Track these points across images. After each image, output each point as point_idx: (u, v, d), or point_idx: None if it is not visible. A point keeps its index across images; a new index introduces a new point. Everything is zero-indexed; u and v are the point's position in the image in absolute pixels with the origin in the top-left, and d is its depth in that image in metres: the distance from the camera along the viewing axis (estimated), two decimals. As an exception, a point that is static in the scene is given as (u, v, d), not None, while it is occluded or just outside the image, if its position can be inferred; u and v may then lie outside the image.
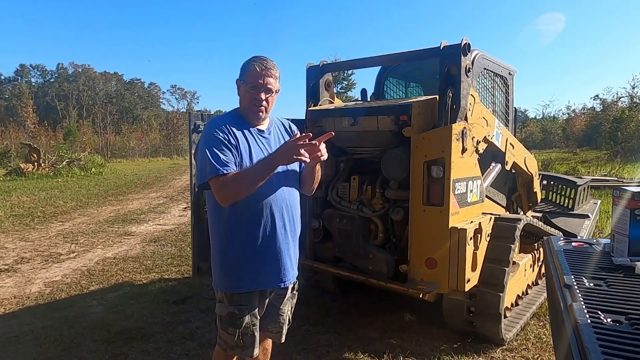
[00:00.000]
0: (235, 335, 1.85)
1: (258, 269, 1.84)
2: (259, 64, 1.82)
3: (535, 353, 2.92)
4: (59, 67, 63.82)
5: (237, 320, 1.84)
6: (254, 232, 1.82)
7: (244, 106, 1.89)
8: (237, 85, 1.90)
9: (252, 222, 1.81)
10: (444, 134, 2.70)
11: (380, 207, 3.10)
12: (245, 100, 1.87)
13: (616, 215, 1.36)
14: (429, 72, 4.11)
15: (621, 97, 31.96)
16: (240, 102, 1.92)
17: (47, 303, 3.99)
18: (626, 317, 0.94)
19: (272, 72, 1.84)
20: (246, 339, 1.87)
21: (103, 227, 7.46)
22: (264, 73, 1.82)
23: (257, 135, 1.89)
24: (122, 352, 2.99)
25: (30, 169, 16.97)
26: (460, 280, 2.68)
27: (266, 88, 1.83)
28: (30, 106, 39.90)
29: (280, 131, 2.02)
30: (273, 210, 1.84)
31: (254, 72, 1.82)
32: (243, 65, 1.87)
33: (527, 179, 4.09)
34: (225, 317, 1.86)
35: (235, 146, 1.78)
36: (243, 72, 1.86)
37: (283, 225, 1.88)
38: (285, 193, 1.90)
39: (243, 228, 1.81)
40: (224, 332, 1.88)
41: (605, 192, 9.43)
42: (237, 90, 1.91)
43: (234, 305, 1.84)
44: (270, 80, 1.84)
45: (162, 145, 39.90)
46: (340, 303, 3.76)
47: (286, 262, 1.91)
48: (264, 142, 1.90)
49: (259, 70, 1.82)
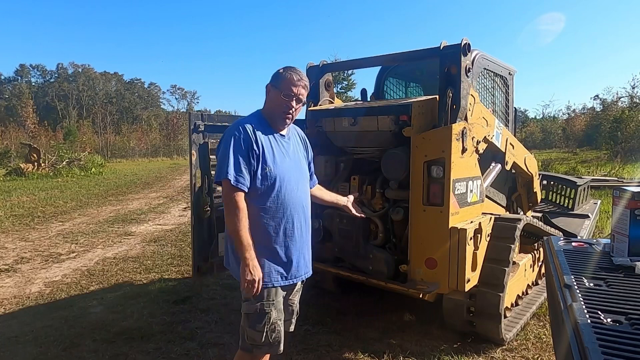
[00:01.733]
0: (264, 333, 1.91)
1: (282, 264, 1.96)
2: (295, 74, 1.94)
3: (535, 353, 2.92)
4: (58, 67, 63.85)
5: (264, 316, 1.91)
6: (278, 230, 1.93)
7: (272, 111, 1.99)
8: (267, 90, 2.01)
9: (276, 220, 1.93)
10: (444, 134, 2.70)
11: (380, 207, 3.10)
12: (276, 106, 1.97)
13: (616, 215, 1.36)
14: (429, 72, 4.11)
15: (621, 97, 31.98)
16: (268, 106, 2.02)
17: (47, 303, 3.99)
18: (626, 317, 0.94)
19: (305, 83, 1.98)
20: (274, 336, 1.93)
21: (103, 227, 7.46)
22: (299, 84, 1.95)
23: (279, 140, 2.01)
24: (122, 352, 2.99)
25: (30, 169, 16.97)
26: (460, 280, 2.68)
27: (298, 98, 1.96)
28: (30, 106, 39.87)
29: (297, 138, 2.16)
30: (294, 208, 1.98)
31: (290, 81, 1.93)
32: (277, 72, 1.98)
33: (527, 179, 4.09)
34: (252, 315, 1.92)
35: (259, 152, 1.89)
36: (277, 79, 1.96)
37: (302, 223, 2.02)
38: (302, 193, 2.06)
39: (266, 226, 1.92)
40: (252, 330, 1.92)
41: (605, 192, 9.42)
42: (266, 94, 2.02)
43: (261, 300, 1.91)
44: (302, 91, 1.97)
45: (162, 145, 39.90)
46: (340, 303, 3.76)
47: (305, 257, 2.07)
48: (285, 145, 2.02)
49: (295, 80, 1.94)
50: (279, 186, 1.92)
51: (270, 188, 1.91)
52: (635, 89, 29.21)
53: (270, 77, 2.02)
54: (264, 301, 1.91)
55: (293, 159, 2.04)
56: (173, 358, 2.91)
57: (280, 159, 1.95)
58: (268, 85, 2.01)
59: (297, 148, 2.11)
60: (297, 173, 2.04)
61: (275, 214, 1.93)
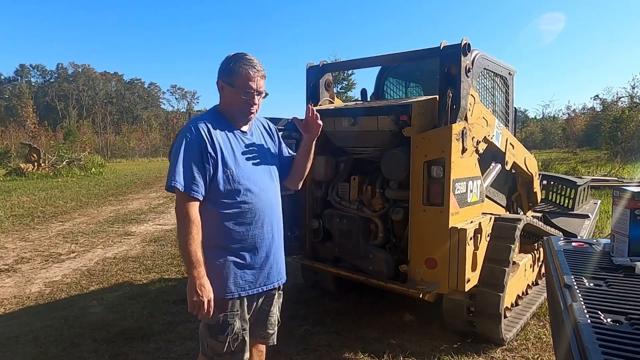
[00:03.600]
0: (226, 343, 1.79)
1: (251, 272, 1.82)
2: (250, 68, 1.75)
3: (535, 353, 2.92)
4: (58, 67, 63.87)
5: (227, 327, 1.79)
6: (246, 235, 1.79)
7: (232, 109, 1.82)
8: (220, 87, 1.82)
9: (243, 225, 1.78)
10: (444, 134, 2.70)
11: (380, 207, 3.09)
12: (235, 104, 1.80)
13: (616, 215, 1.36)
14: (429, 72, 4.11)
15: (621, 97, 31.98)
16: (225, 104, 1.84)
17: (47, 303, 3.98)
18: (626, 317, 0.94)
19: (262, 73, 1.80)
20: (237, 345, 1.82)
21: (103, 227, 7.46)
22: (257, 76, 1.77)
23: (240, 138, 1.84)
24: (122, 352, 2.99)
25: (30, 169, 16.98)
26: (460, 280, 2.68)
27: (259, 91, 1.79)
28: (30, 106, 39.89)
29: (261, 131, 1.98)
30: (263, 211, 1.82)
31: (246, 76, 1.75)
32: (228, 66, 1.78)
33: (527, 179, 4.08)
34: (214, 325, 1.80)
35: (216, 154, 1.72)
36: (231, 75, 1.77)
37: (272, 226, 1.87)
38: (271, 194, 1.89)
39: (229, 232, 1.77)
40: (213, 340, 1.81)
41: (605, 192, 9.42)
42: (221, 90, 1.83)
43: (224, 311, 1.78)
44: (262, 83, 1.80)
45: (162, 145, 39.91)
46: (340, 303, 3.76)
47: (273, 265, 1.89)
48: (248, 143, 1.86)
49: (252, 74, 1.76)
50: (244, 188, 1.76)
51: (234, 191, 1.75)
52: (635, 89, 29.24)
53: (220, 71, 1.80)
54: (227, 312, 1.78)
55: (258, 156, 1.87)
56: (173, 358, 2.91)
57: (242, 159, 1.79)
58: (220, 81, 1.80)
59: (262, 144, 1.92)
60: (264, 172, 1.86)
61: (242, 218, 1.77)
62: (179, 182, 1.67)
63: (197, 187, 1.69)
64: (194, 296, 1.68)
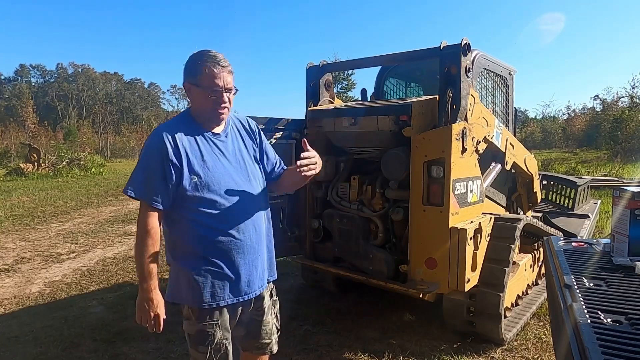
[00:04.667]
0: (207, 354, 1.72)
1: (229, 280, 1.72)
2: (213, 63, 1.64)
3: (535, 353, 2.92)
4: (58, 67, 63.86)
5: (207, 337, 1.72)
6: (221, 242, 1.69)
7: (202, 110, 1.71)
8: (187, 89, 1.71)
9: (218, 232, 1.69)
10: (444, 134, 2.70)
11: (380, 207, 3.09)
12: (205, 105, 1.68)
13: (616, 215, 1.35)
14: (429, 72, 4.11)
15: (621, 97, 31.96)
16: (195, 106, 1.73)
17: (47, 303, 3.99)
18: (626, 317, 0.94)
19: (228, 69, 1.68)
20: (219, 355, 1.74)
21: (103, 227, 7.46)
22: (222, 73, 1.65)
23: (211, 140, 1.73)
24: (122, 352, 2.99)
25: (30, 169, 16.97)
26: (460, 280, 2.68)
27: (227, 88, 1.67)
28: (30, 106, 39.82)
29: (239, 130, 1.86)
30: (239, 216, 1.72)
31: (211, 74, 1.63)
32: (191, 66, 1.67)
33: (527, 179, 4.09)
34: (194, 335, 1.75)
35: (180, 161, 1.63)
36: (194, 74, 1.66)
37: (250, 231, 1.76)
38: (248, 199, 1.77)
39: (209, 239, 1.69)
40: (194, 351, 1.76)
41: (605, 192, 9.42)
42: (187, 93, 1.72)
43: (203, 321, 1.72)
44: (229, 79, 1.67)
45: (162, 145, 39.84)
46: (340, 303, 3.76)
47: (258, 269, 1.80)
48: (220, 145, 1.74)
49: (217, 71, 1.64)
50: (215, 194, 1.66)
51: (203, 198, 1.65)
52: (635, 89, 29.22)
53: (184, 72, 1.70)
54: (206, 322, 1.71)
55: (233, 159, 1.75)
56: (173, 358, 2.91)
57: (213, 162, 1.68)
58: (185, 83, 1.70)
59: (238, 145, 1.81)
60: (240, 175, 1.74)
61: (216, 224, 1.67)
62: (135, 190, 1.64)
63: (157, 197, 1.62)
64: (142, 309, 1.70)
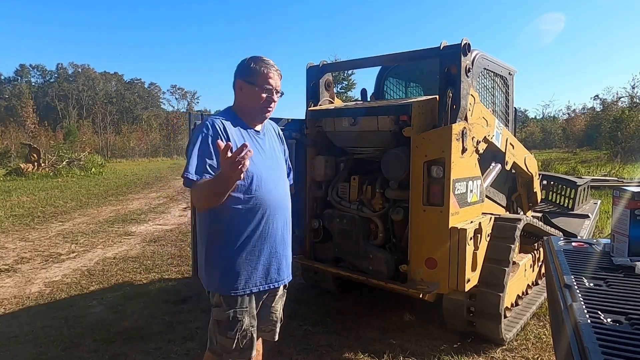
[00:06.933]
0: (235, 340, 1.82)
1: (257, 269, 1.84)
2: (270, 67, 1.85)
3: (535, 353, 2.92)
4: (58, 67, 63.85)
5: (236, 323, 1.82)
6: (255, 232, 1.82)
7: (249, 107, 1.88)
8: (239, 86, 1.88)
9: (253, 222, 1.81)
10: (444, 134, 2.70)
11: (380, 207, 3.09)
12: (254, 103, 1.86)
13: (616, 215, 1.36)
14: (429, 72, 4.11)
15: (621, 97, 32.03)
16: (242, 103, 1.89)
17: (47, 303, 3.98)
18: (626, 317, 0.94)
19: (279, 73, 1.89)
20: (245, 342, 1.85)
21: (103, 227, 7.46)
22: (276, 75, 1.86)
23: (254, 137, 1.89)
24: (122, 352, 2.99)
25: (30, 169, 16.98)
26: (460, 280, 2.68)
27: (277, 90, 1.88)
28: (30, 106, 39.89)
29: (272, 134, 2.04)
30: (273, 209, 1.86)
31: (267, 74, 1.84)
32: (248, 66, 1.85)
33: (527, 179, 4.09)
34: (224, 322, 1.83)
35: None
36: (251, 74, 1.84)
37: (282, 224, 1.91)
38: (281, 192, 1.93)
39: (241, 229, 1.80)
40: (223, 337, 1.84)
41: (605, 192, 9.43)
42: (238, 90, 1.89)
43: (233, 308, 1.82)
44: (279, 82, 1.89)
45: (162, 145, 40.00)
46: (340, 303, 3.76)
47: (282, 262, 1.93)
48: (260, 142, 1.91)
49: (272, 73, 1.85)
50: (256, 185, 1.80)
51: (245, 187, 1.78)
52: (635, 89, 29.29)
53: (238, 71, 1.88)
54: (236, 308, 1.81)
55: (269, 156, 1.93)
56: (173, 358, 2.91)
57: (256, 156, 1.80)
58: (239, 80, 1.87)
59: (274, 145, 2.00)
60: (275, 171, 1.92)
61: (252, 215, 1.80)
62: (191, 172, 1.70)
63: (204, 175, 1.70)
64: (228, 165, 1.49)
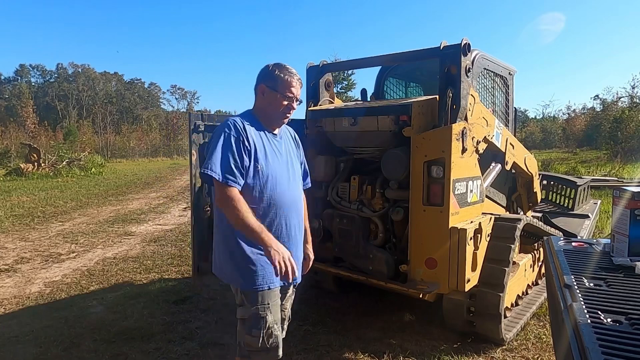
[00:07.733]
0: (260, 338, 1.85)
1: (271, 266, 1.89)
2: (292, 75, 1.93)
3: (535, 353, 2.92)
4: (58, 67, 63.82)
5: (260, 320, 1.86)
6: (270, 230, 1.86)
7: (269, 111, 1.96)
8: (261, 90, 1.95)
9: (268, 220, 1.89)
10: (444, 134, 2.70)
11: (380, 207, 3.09)
12: (274, 107, 1.94)
13: (616, 215, 1.36)
14: (429, 72, 4.11)
15: (621, 97, 32.02)
16: (262, 106, 1.97)
17: (47, 303, 3.98)
18: (626, 317, 0.94)
19: (301, 82, 1.99)
20: (271, 342, 1.88)
21: (103, 227, 7.46)
22: (297, 84, 1.95)
23: (271, 139, 1.98)
24: (122, 352, 2.99)
25: (30, 169, 16.97)
26: (460, 280, 2.68)
27: (296, 98, 1.97)
28: (30, 106, 39.79)
29: (289, 137, 2.13)
30: (288, 208, 1.95)
31: (289, 82, 1.92)
32: (272, 73, 1.93)
33: (527, 179, 4.09)
34: (248, 320, 1.88)
35: (250, 150, 1.85)
36: (273, 81, 1.92)
37: (295, 223, 2.00)
38: (296, 193, 2.03)
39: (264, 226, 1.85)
40: (249, 336, 1.87)
41: (605, 192, 9.43)
42: (260, 94, 1.96)
43: (255, 304, 1.87)
44: (300, 90, 1.99)
45: (162, 145, 39.93)
46: (340, 303, 3.76)
47: (300, 259, 2.04)
48: (277, 145, 1.99)
49: (293, 82, 1.93)
50: (271, 185, 1.89)
51: (261, 186, 1.87)
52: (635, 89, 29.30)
53: (261, 76, 1.96)
54: (258, 305, 1.87)
55: (285, 158, 2.01)
56: (173, 358, 2.91)
57: (272, 157, 1.92)
58: (262, 85, 1.95)
59: (290, 148, 2.08)
60: (290, 172, 2.01)
61: (267, 213, 1.88)
62: (216, 172, 1.77)
63: (235, 177, 1.79)
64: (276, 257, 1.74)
